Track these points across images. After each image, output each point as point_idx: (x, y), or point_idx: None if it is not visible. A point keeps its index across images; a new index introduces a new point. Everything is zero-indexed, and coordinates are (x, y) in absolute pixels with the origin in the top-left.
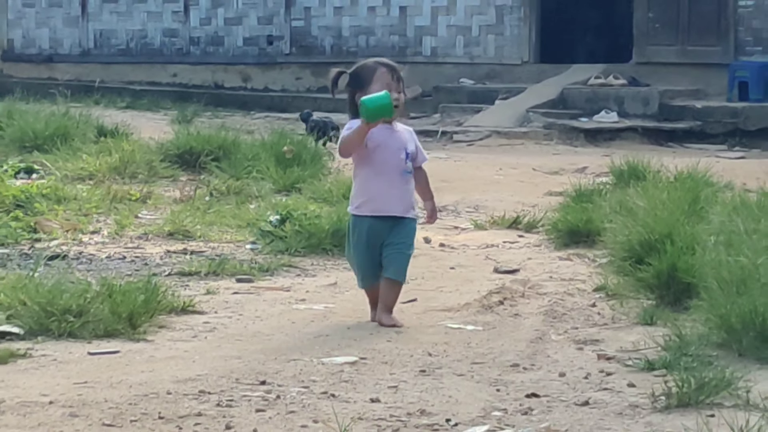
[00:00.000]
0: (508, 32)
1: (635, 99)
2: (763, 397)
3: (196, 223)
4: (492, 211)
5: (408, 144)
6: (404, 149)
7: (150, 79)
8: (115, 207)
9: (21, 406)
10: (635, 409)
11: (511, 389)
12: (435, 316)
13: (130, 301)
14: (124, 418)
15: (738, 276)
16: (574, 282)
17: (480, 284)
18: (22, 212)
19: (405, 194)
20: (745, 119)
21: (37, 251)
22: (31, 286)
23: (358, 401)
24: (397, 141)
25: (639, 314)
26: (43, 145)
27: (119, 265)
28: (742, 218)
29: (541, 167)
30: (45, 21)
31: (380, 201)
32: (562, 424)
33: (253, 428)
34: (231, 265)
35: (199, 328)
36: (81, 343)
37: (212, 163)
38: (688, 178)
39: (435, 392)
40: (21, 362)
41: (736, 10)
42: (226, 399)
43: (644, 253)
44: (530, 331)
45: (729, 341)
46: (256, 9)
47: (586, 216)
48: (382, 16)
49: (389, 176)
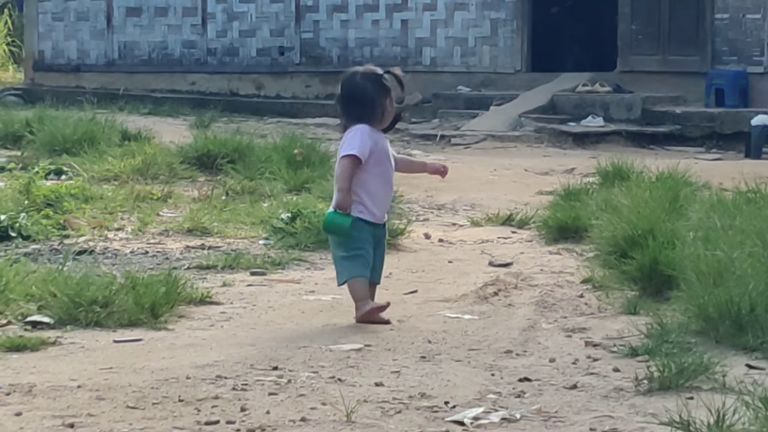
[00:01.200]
0: (501, 43)
1: (620, 105)
2: (738, 381)
3: (213, 221)
4: (487, 209)
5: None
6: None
7: (170, 87)
8: (138, 206)
9: (51, 389)
10: (620, 392)
11: (504, 374)
12: (434, 306)
13: (152, 293)
14: (146, 401)
15: (715, 269)
16: (563, 274)
17: (476, 277)
18: (52, 211)
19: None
20: (721, 123)
21: (66, 247)
22: (61, 279)
23: (363, 385)
24: (388, 149)
25: (623, 304)
26: (71, 148)
27: (142, 259)
28: (718, 215)
29: (533, 168)
30: (73, 33)
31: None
32: (552, 406)
33: (266, 410)
34: (245, 259)
35: (216, 317)
36: (107, 331)
37: (228, 165)
38: (669, 178)
39: (434, 377)
40: (51, 349)
41: (712, 22)
42: (241, 383)
43: (628, 248)
44: (522, 320)
45: (707, 329)
46: (269, 22)
47: (574, 213)
48: (385, 28)
49: (390, 184)
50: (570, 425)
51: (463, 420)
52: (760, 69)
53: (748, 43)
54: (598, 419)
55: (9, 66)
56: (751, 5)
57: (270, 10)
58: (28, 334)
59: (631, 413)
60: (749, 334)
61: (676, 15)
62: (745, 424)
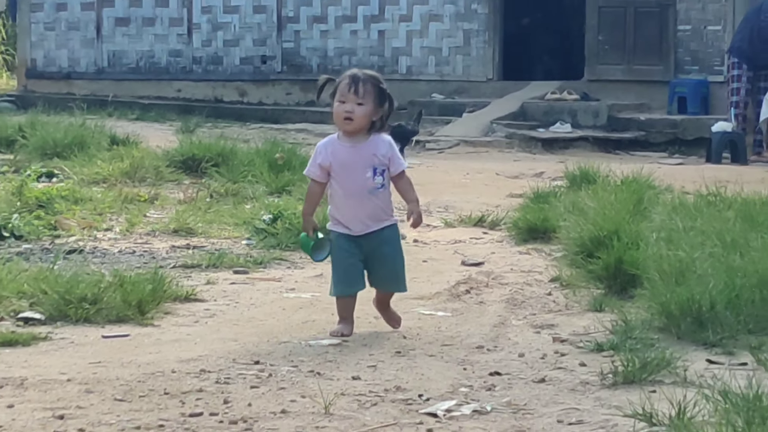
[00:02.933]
0: (474, 53)
1: (587, 112)
2: (698, 376)
3: (198, 222)
4: (460, 210)
5: (376, 159)
6: (372, 167)
7: (157, 94)
8: (126, 207)
9: (42, 383)
10: (586, 386)
11: (476, 368)
12: (409, 303)
13: (139, 290)
14: (133, 393)
15: (677, 268)
16: (533, 273)
17: (449, 275)
18: (43, 212)
19: (375, 211)
20: (684, 130)
21: (56, 246)
22: (51, 276)
23: (341, 379)
24: (362, 160)
25: (589, 302)
26: (62, 152)
27: (129, 258)
28: (680, 217)
29: (504, 172)
30: (64, 42)
31: (354, 222)
32: (521, 399)
33: (248, 403)
34: (229, 258)
35: (201, 314)
36: (95, 327)
37: (212, 168)
38: (633, 182)
39: (409, 371)
40: (42, 344)
41: (675, 33)
42: (224, 377)
43: (594, 248)
44: (493, 316)
45: (669, 326)
46: (252, 32)
47: (543, 215)
48: (363, 38)
49: (356, 197)
50: (538, 417)
51: (436, 412)
52: (720, 78)
53: (709, 54)
54: (565, 411)
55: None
56: (713, 17)
57: (253, 21)
58: (20, 330)
59: (597, 406)
60: (709, 331)
61: (640, 26)
62: (705, 416)
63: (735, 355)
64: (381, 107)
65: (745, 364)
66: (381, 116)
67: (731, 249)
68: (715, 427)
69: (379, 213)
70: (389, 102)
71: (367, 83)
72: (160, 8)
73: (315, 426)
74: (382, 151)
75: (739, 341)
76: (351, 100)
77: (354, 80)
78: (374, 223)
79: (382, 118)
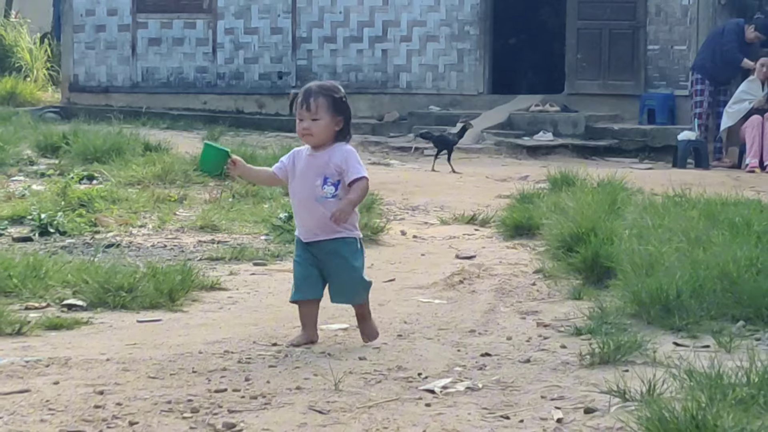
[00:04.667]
0: (467, 70)
1: (567, 122)
2: (666, 357)
3: (222, 219)
4: (454, 210)
5: (328, 168)
6: (322, 176)
7: (185, 106)
8: (158, 206)
9: (84, 362)
10: (567, 366)
11: (469, 350)
12: (409, 292)
13: (170, 280)
14: (165, 372)
15: (647, 261)
16: (519, 266)
17: (445, 267)
18: (84, 210)
19: (324, 220)
20: (653, 138)
21: (96, 241)
22: (92, 268)
23: (349, 359)
24: (315, 169)
25: (569, 291)
26: (101, 157)
27: (161, 252)
28: (650, 216)
29: (493, 175)
30: (103, 60)
31: (304, 228)
32: (509, 377)
33: (267, 380)
34: (249, 252)
35: (224, 301)
36: (131, 313)
37: None
38: (608, 185)
39: (409, 352)
40: (84, 328)
41: (645, 52)
42: (246, 357)
43: (573, 243)
44: (484, 304)
45: (640, 312)
46: (269, 51)
47: (528, 214)
48: (368, 57)
49: (305, 204)
50: (524, 393)
51: (433, 389)
52: (685, 92)
53: (676, 70)
54: (548, 388)
55: (48, 87)
56: (678, 38)
57: (270, 41)
58: (65, 315)
59: (576, 383)
60: (676, 317)
61: (614, 46)
62: (673, 393)
63: (699, 339)
64: (339, 116)
65: (707, 346)
66: (344, 126)
67: (695, 244)
68: (682, 402)
69: (328, 223)
70: (346, 111)
71: (318, 97)
72: (188, 30)
73: (326, 401)
74: (336, 161)
75: (702, 326)
76: (306, 116)
77: (305, 96)
78: (322, 232)
79: (345, 128)
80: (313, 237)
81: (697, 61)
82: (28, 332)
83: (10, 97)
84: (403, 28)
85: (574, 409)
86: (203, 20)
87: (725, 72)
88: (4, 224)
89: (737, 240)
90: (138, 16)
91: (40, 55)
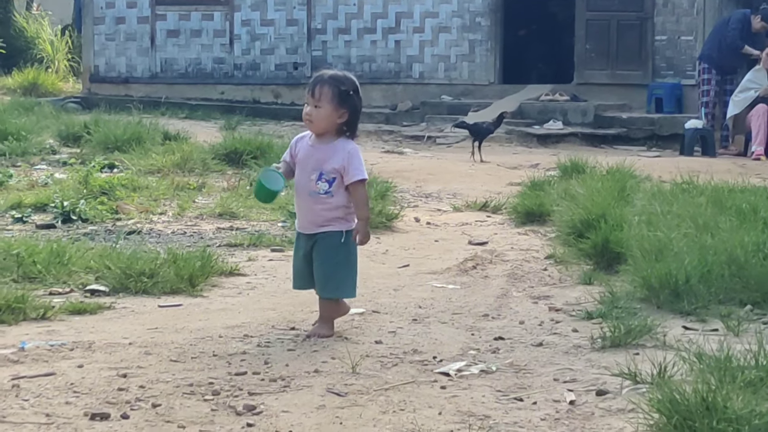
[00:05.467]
0: (478, 60)
1: (576, 111)
2: (676, 340)
3: (240, 207)
4: (466, 197)
5: (326, 165)
6: (318, 171)
7: (203, 96)
8: (178, 194)
9: (107, 346)
10: (578, 349)
11: (482, 333)
12: (423, 277)
13: (190, 266)
14: (186, 355)
15: (656, 247)
16: (530, 251)
17: (458, 253)
18: (106, 198)
19: (313, 214)
20: (660, 127)
21: (118, 228)
22: (114, 254)
23: (365, 343)
24: (313, 162)
25: (580, 276)
26: (121, 146)
27: (181, 238)
28: (658, 202)
29: (504, 164)
30: (123, 51)
31: (299, 218)
32: (522, 360)
33: (286, 363)
34: (267, 238)
35: (243, 286)
36: (152, 298)
37: (252, 160)
38: (617, 172)
39: (424, 336)
40: (107, 313)
41: (653, 43)
42: (265, 341)
43: (584, 229)
44: (497, 289)
45: (649, 297)
46: (285, 42)
47: (539, 201)
48: (382, 47)
49: (300, 196)
50: (537, 376)
51: (448, 372)
52: (692, 82)
53: (683, 60)
54: (561, 371)
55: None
56: (685, 29)
57: (286, 32)
58: (88, 300)
59: (588, 366)
60: (685, 301)
61: (622, 37)
62: (683, 375)
63: (707, 323)
64: (343, 109)
65: (716, 330)
66: (347, 120)
67: (703, 230)
68: (692, 384)
69: (317, 218)
70: (352, 104)
71: (325, 85)
72: (205, 21)
73: (344, 383)
74: (336, 159)
75: (711, 310)
76: (310, 102)
77: (314, 82)
78: (312, 225)
79: (348, 123)
80: (305, 229)
81: (704, 50)
82: (52, 317)
83: (33, 87)
84: (416, 19)
85: (586, 391)
86: (221, 12)
87: (731, 61)
88: (27, 212)
89: (744, 226)
90: (157, 8)
91: (62, 46)
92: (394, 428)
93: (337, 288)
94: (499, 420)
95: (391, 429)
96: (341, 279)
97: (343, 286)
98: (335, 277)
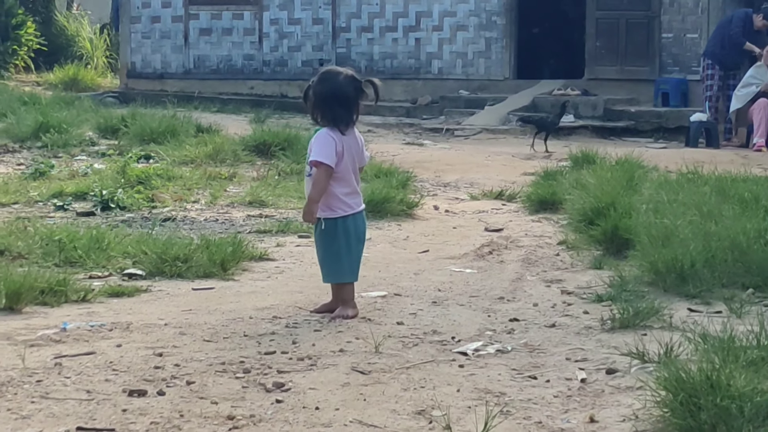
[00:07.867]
0: (494, 57)
1: (587, 105)
2: (681, 322)
3: (269, 195)
4: (483, 186)
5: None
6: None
7: (234, 91)
8: (210, 183)
9: (144, 326)
10: (589, 330)
11: (498, 315)
12: (442, 262)
13: (222, 251)
14: (218, 335)
15: (663, 233)
16: (544, 238)
17: (475, 239)
18: (142, 187)
19: None
20: (667, 120)
21: (153, 215)
22: (150, 240)
23: (387, 324)
24: None
25: (591, 261)
26: (157, 138)
27: (213, 225)
28: (665, 191)
29: (518, 155)
30: (158, 48)
31: None
32: (536, 341)
33: (312, 343)
34: (294, 225)
35: (272, 270)
36: (186, 281)
37: (280, 151)
38: (626, 163)
39: (443, 317)
40: (143, 295)
41: (660, 40)
42: (293, 322)
43: (594, 217)
44: (512, 273)
45: (656, 281)
46: (311, 40)
47: (552, 190)
48: (403, 45)
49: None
50: (550, 356)
51: (466, 351)
52: (697, 77)
53: (688, 57)
54: (572, 351)
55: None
56: (691, 27)
57: (312, 31)
58: (125, 284)
59: (598, 346)
60: (690, 285)
61: (631, 34)
62: (688, 355)
63: (711, 305)
64: (309, 102)
65: (719, 312)
66: (313, 110)
67: (708, 218)
68: (697, 363)
69: None
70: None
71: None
72: (236, 20)
73: (367, 362)
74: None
75: (715, 293)
76: None
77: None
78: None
79: (315, 113)
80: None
81: (708, 47)
82: (92, 299)
83: (73, 83)
84: (435, 18)
85: (597, 369)
86: (250, 12)
87: (734, 58)
88: (68, 200)
89: (747, 213)
90: (190, 8)
91: (100, 44)
92: (415, 404)
93: (326, 274)
94: (514, 397)
95: (412, 405)
96: (327, 265)
97: (329, 272)
98: (323, 264)
